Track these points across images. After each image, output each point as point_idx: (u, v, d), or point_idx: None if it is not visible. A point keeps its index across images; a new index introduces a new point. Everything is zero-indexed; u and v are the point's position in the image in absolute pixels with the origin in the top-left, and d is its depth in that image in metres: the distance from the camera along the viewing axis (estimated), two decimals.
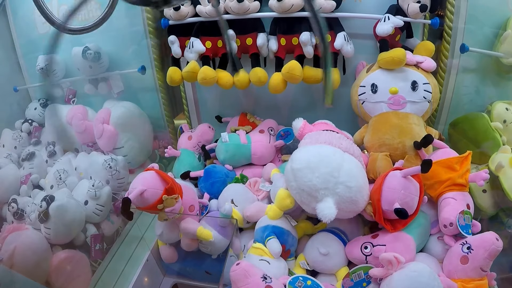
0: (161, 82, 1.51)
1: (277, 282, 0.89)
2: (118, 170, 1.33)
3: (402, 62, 1.12)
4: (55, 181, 1.39)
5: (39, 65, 1.54)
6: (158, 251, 1.22)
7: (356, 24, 1.24)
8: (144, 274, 1.18)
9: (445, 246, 0.94)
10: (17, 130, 1.69)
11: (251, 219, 1.11)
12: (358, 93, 1.20)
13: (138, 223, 1.30)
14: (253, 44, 1.26)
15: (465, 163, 1.01)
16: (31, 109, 1.70)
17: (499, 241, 0.84)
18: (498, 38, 1.22)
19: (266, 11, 1.23)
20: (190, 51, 1.28)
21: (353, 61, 1.30)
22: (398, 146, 1.09)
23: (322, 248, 1.00)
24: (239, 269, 0.86)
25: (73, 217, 1.17)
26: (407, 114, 1.13)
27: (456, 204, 0.95)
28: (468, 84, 1.33)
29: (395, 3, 1.16)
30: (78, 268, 1.17)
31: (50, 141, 1.62)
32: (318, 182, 0.90)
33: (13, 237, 1.10)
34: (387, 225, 0.95)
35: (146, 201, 1.00)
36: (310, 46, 1.19)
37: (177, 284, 1.24)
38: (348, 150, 1.01)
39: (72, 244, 1.20)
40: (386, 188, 0.93)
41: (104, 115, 1.46)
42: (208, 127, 1.47)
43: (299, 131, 1.13)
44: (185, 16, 1.27)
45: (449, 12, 1.19)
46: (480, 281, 0.85)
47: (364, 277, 0.92)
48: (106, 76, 1.56)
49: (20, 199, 1.36)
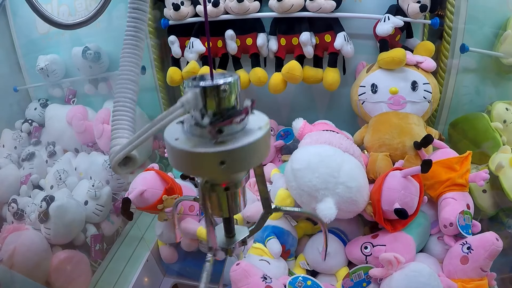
0: (161, 82, 1.51)
1: (277, 282, 0.89)
2: None
3: (402, 62, 1.12)
4: (55, 181, 1.39)
5: (39, 65, 1.55)
6: (158, 251, 1.22)
7: (356, 24, 1.24)
8: (144, 274, 1.18)
9: (445, 246, 0.94)
10: (17, 130, 1.69)
11: (251, 219, 1.11)
12: (358, 93, 1.19)
13: (138, 223, 1.30)
14: (253, 44, 1.26)
15: (465, 163, 1.01)
16: (31, 109, 1.70)
17: (499, 241, 0.84)
18: (498, 38, 1.22)
19: (266, 11, 1.23)
20: (190, 51, 1.28)
21: (353, 61, 1.30)
22: (398, 146, 1.09)
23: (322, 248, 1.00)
24: (239, 269, 0.87)
25: (73, 217, 1.17)
26: (407, 114, 1.13)
27: (456, 204, 0.95)
28: (468, 84, 1.33)
29: (395, 3, 1.16)
30: (78, 268, 1.17)
31: (50, 141, 1.62)
32: (318, 182, 0.90)
33: (13, 237, 1.10)
34: (387, 225, 0.95)
35: (146, 201, 1.00)
36: (310, 46, 1.19)
37: (177, 284, 1.24)
38: (348, 150, 1.01)
39: (72, 244, 1.20)
40: (386, 188, 0.93)
41: (104, 115, 1.46)
42: None
43: (299, 131, 1.13)
44: (185, 16, 1.27)
45: (449, 12, 1.19)
46: (480, 281, 0.85)
47: (364, 277, 0.92)
48: (106, 76, 1.56)
49: (20, 199, 1.36)
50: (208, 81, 0.39)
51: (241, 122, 0.41)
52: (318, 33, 1.21)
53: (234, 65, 1.32)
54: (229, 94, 0.40)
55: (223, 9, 1.22)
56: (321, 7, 1.14)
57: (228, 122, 0.40)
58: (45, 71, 1.55)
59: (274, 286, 0.86)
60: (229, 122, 0.40)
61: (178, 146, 0.39)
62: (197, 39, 1.27)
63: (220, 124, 0.39)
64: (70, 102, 1.64)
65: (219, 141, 0.39)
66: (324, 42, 1.20)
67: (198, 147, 0.38)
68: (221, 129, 0.40)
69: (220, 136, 0.39)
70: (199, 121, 0.40)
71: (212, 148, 0.38)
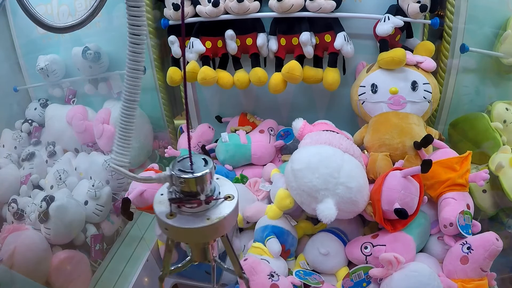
0: (161, 82, 1.51)
1: (285, 280, 0.88)
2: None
3: (402, 62, 1.12)
4: (55, 181, 1.39)
5: (39, 65, 1.55)
6: (158, 251, 1.22)
7: (356, 24, 1.24)
8: (144, 274, 1.18)
9: (445, 246, 0.94)
10: (17, 130, 1.69)
11: (251, 219, 1.11)
12: (358, 93, 1.19)
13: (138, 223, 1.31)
14: (253, 44, 1.26)
15: (465, 163, 1.01)
16: (31, 109, 1.70)
17: (499, 241, 0.84)
18: (498, 38, 1.22)
19: (266, 11, 1.23)
20: (190, 51, 1.28)
21: (353, 61, 1.30)
22: (398, 146, 1.09)
23: (322, 248, 1.00)
24: (246, 265, 0.86)
25: (73, 217, 1.17)
26: (407, 114, 1.13)
27: (456, 204, 0.95)
28: (468, 84, 1.33)
29: (395, 3, 1.16)
30: (78, 268, 1.17)
31: (50, 141, 1.62)
32: (318, 182, 0.90)
33: (13, 237, 1.10)
34: (387, 225, 0.95)
35: (146, 201, 1.00)
36: (310, 46, 1.19)
37: (177, 284, 1.24)
38: (348, 151, 1.01)
39: (72, 244, 1.20)
40: (386, 188, 0.93)
41: (104, 115, 1.46)
42: (208, 127, 1.47)
43: (299, 131, 1.13)
44: (185, 16, 1.27)
45: (449, 12, 1.19)
46: (480, 281, 0.85)
47: (364, 277, 0.92)
48: (106, 76, 1.56)
49: (20, 199, 1.36)
50: (176, 171, 0.52)
51: (196, 207, 0.52)
52: (318, 33, 1.21)
53: (234, 65, 1.32)
54: (188, 184, 0.51)
55: (223, 9, 1.22)
56: (321, 7, 1.14)
57: (179, 204, 0.52)
58: (45, 71, 1.55)
59: (281, 284, 0.85)
60: (180, 204, 0.52)
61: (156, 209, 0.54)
62: (197, 39, 1.27)
63: (172, 202, 0.52)
64: (70, 102, 1.64)
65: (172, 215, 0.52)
66: (324, 42, 1.20)
67: (163, 216, 0.53)
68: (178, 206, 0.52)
69: (177, 211, 0.52)
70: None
71: (169, 220, 0.52)
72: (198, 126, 1.49)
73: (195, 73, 1.28)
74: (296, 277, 0.91)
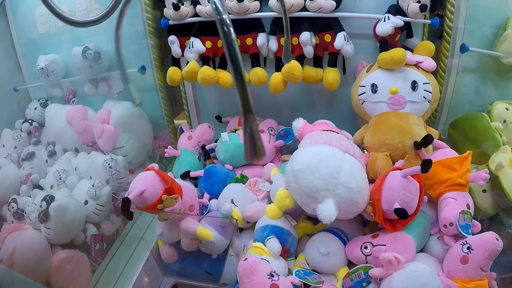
0: (161, 82, 1.51)
1: (285, 280, 0.88)
2: (118, 170, 1.33)
3: (402, 62, 1.12)
4: (55, 181, 1.39)
5: (39, 65, 1.55)
6: (158, 251, 1.22)
7: (356, 24, 1.24)
8: (144, 274, 1.18)
9: (445, 246, 0.94)
10: (17, 130, 1.69)
11: (251, 219, 1.11)
12: (358, 93, 1.19)
13: (138, 223, 1.30)
14: (253, 44, 1.26)
15: (465, 163, 1.01)
16: (31, 109, 1.70)
17: (499, 241, 0.84)
18: (498, 38, 1.22)
19: (266, 11, 1.23)
20: (190, 51, 1.28)
21: (353, 61, 1.30)
22: (398, 146, 1.09)
23: (322, 248, 1.00)
24: (246, 264, 0.86)
25: (73, 217, 1.17)
26: (407, 114, 1.13)
27: (456, 204, 0.95)
28: (468, 84, 1.33)
29: (395, 3, 1.16)
30: (78, 268, 1.17)
31: (50, 141, 1.62)
32: (319, 183, 0.90)
33: (13, 237, 1.10)
34: (387, 225, 0.95)
35: (146, 201, 1.00)
36: (310, 46, 1.19)
37: (177, 284, 1.24)
38: (348, 151, 1.01)
39: (72, 244, 1.20)
40: (386, 188, 0.93)
41: (104, 115, 1.46)
42: (208, 127, 1.47)
43: (299, 131, 1.13)
44: (185, 16, 1.27)
45: (449, 12, 1.19)
46: (480, 281, 0.85)
47: (364, 277, 0.92)
48: (106, 76, 1.56)
49: (20, 199, 1.36)
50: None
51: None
52: (318, 33, 1.21)
53: None
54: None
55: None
56: (321, 7, 1.14)
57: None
58: (45, 71, 1.55)
59: (281, 284, 0.85)
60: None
61: None
62: (197, 39, 1.27)
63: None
64: (70, 102, 1.64)
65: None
66: (324, 42, 1.20)
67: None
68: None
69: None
70: None
71: None
72: (198, 126, 1.49)
73: (195, 73, 1.28)
74: (296, 277, 0.91)
